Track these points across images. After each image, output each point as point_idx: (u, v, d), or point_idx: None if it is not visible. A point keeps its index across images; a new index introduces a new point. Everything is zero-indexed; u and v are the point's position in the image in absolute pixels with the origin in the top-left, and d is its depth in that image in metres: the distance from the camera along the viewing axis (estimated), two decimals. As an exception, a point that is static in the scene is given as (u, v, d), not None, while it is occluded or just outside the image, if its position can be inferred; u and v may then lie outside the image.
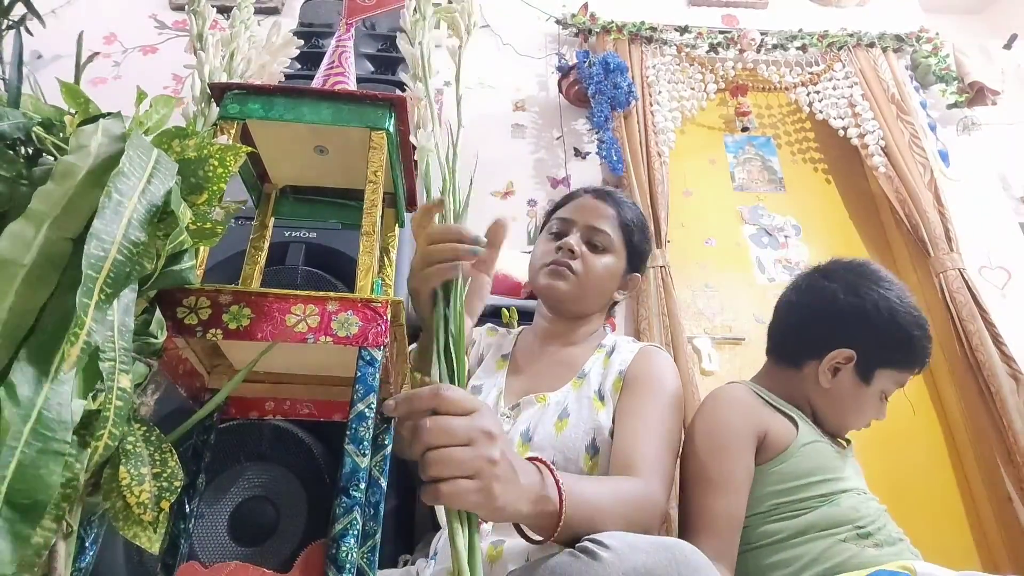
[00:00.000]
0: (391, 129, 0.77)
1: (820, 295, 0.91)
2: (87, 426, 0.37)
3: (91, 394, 0.37)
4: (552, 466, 0.58)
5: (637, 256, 0.97)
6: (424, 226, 0.64)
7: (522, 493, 0.52)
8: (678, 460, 0.85)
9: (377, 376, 0.58)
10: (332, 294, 0.56)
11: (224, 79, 0.73)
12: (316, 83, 0.89)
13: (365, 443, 0.53)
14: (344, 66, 0.91)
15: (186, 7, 0.75)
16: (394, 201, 0.81)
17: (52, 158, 0.44)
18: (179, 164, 0.47)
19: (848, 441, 0.93)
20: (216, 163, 0.50)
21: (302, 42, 0.87)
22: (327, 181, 0.88)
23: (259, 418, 0.69)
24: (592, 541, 0.52)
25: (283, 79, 0.82)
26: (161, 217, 0.42)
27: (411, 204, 0.83)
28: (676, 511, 0.89)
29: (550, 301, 0.96)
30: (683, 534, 0.77)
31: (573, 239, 0.93)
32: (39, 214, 0.36)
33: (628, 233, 0.94)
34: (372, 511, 0.51)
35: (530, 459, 0.58)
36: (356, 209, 0.91)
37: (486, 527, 0.75)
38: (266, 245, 0.72)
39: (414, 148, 0.72)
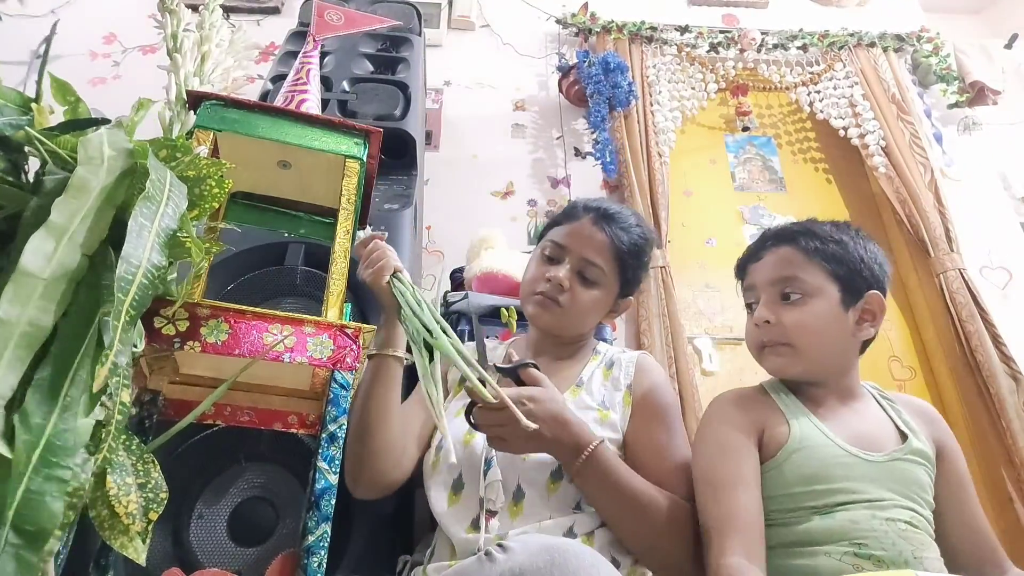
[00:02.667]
0: (364, 158, 0.78)
1: None
2: (92, 438, 0.37)
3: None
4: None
5: (630, 284, 0.96)
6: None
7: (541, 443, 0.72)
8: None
9: (349, 398, 0.61)
10: (308, 317, 0.58)
11: (196, 83, 0.73)
12: (280, 97, 0.88)
13: (336, 461, 0.58)
14: (309, 82, 0.90)
15: (159, 5, 0.75)
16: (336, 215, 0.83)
17: (39, 160, 0.44)
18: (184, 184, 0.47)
19: (905, 436, 0.80)
20: (213, 183, 0.51)
21: (263, 47, 0.90)
22: (284, 193, 0.88)
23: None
24: (499, 545, 0.55)
25: (247, 83, 0.83)
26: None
27: (362, 223, 0.91)
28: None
29: (535, 327, 0.99)
30: (706, 539, 0.73)
31: (564, 272, 0.90)
32: (59, 228, 0.36)
33: (622, 264, 0.93)
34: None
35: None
36: (306, 221, 0.93)
37: (494, 522, 0.76)
38: (215, 248, 0.72)
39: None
